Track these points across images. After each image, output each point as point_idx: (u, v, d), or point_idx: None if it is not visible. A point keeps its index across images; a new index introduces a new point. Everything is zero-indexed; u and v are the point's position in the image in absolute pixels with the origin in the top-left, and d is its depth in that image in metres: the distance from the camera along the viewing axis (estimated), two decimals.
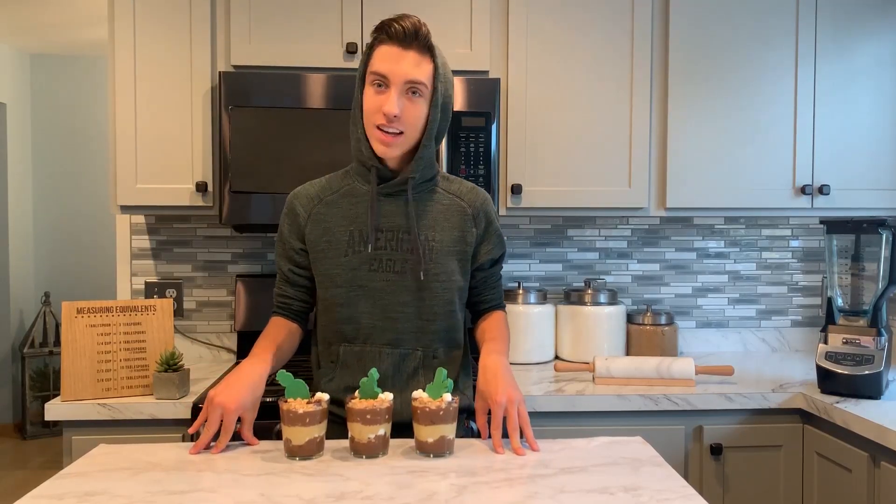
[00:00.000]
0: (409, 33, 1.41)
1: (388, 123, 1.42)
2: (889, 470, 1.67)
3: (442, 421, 1.30)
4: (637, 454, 1.34)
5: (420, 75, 1.43)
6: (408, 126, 1.44)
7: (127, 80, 2.14)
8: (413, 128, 1.45)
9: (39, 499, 1.12)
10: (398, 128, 1.43)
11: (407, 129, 1.45)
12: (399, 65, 1.42)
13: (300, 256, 1.55)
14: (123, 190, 2.15)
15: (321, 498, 1.12)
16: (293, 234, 1.55)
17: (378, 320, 1.50)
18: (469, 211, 1.55)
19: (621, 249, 2.64)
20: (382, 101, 1.43)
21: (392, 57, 1.42)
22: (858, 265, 1.99)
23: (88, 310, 1.89)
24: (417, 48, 1.43)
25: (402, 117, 1.43)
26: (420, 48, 1.43)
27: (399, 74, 1.42)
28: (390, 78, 1.42)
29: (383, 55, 1.43)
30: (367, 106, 1.45)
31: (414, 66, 1.42)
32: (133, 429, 1.88)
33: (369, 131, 1.46)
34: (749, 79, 2.30)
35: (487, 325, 1.60)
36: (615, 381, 2.08)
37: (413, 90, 1.43)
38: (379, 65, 1.43)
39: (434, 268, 1.50)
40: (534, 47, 2.24)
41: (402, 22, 1.42)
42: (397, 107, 1.42)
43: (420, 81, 1.43)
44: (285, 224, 1.57)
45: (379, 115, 1.43)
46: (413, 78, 1.42)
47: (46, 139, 5.33)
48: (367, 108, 1.45)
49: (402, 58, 1.42)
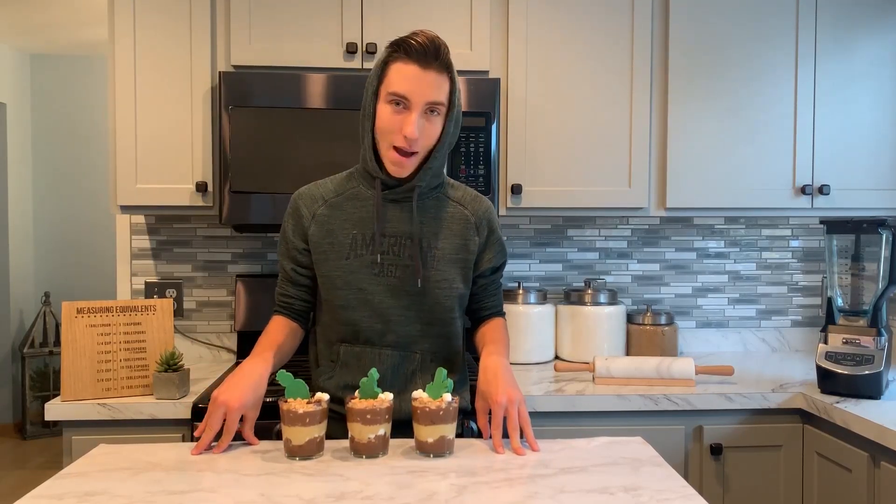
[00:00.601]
0: (429, 52, 1.38)
1: (409, 146, 1.41)
2: (889, 470, 1.67)
3: (442, 421, 1.30)
4: (637, 454, 1.34)
5: (441, 96, 1.41)
6: (424, 146, 1.44)
7: (127, 80, 2.14)
8: (427, 146, 1.45)
9: (39, 499, 1.12)
10: (415, 149, 1.42)
11: (423, 149, 1.44)
12: (420, 86, 1.38)
13: (303, 256, 1.55)
14: (123, 190, 2.15)
15: (321, 498, 1.12)
16: (296, 234, 1.55)
17: (377, 324, 1.51)
18: (472, 219, 1.55)
19: (621, 249, 2.64)
20: (401, 122, 1.40)
21: (411, 77, 1.39)
22: (858, 265, 1.99)
23: (88, 310, 1.89)
24: (437, 67, 1.40)
25: (420, 138, 1.41)
26: (440, 67, 1.40)
27: (420, 95, 1.39)
28: (411, 99, 1.39)
29: (402, 74, 1.39)
30: (383, 124, 1.42)
31: (436, 88, 1.40)
32: (133, 429, 1.88)
33: (382, 148, 1.45)
34: (749, 79, 2.30)
35: (487, 330, 1.60)
36: (615, 381, 2.08)
37: (432, 110, 1.41)
38: (398, 85, 1.39)
39: (436, 275, 1.50)
40: (534, 47, 2.24)
41: (420, 38, 1.38)
42: (418, 130, 1.39)
43: (441, 102, 1.41)
44: (289, 224, 1.56)
45: (398, 137, 1.41)
46: (434, 99, 1.40)
47: (46, 139, 5.33)
48: (383, 126, 1.42)
49: (423, 78, 1.39)
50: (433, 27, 2.19)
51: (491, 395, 1.38)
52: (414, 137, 1.39)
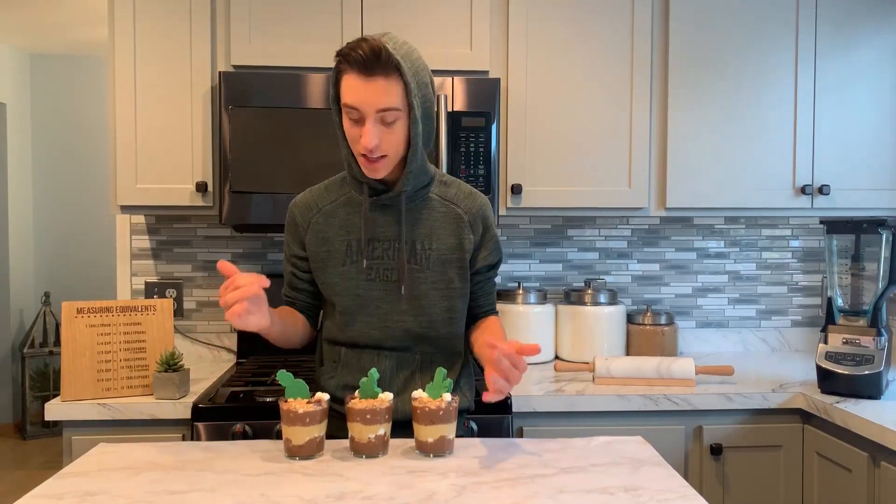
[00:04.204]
0: (369, 60, 1.34)
1: (371, 155, 1.40)
2: (889, 470, 1.67)
3: (442, 421, 1.30)
4: (637, 454, 1.34)
5: (390, 102, 1.37)
6: (390, 150, 1.42)
7: (127, 80, 2.14)
8: (395, 150, 1.43)
9: (39, 499, 1.12)
10: (380, 153, 1.41)
11: (390, 152, 1.42)
12: (366, 95, 1.36)
13: (302, 262, 1.57)
14: (123, 190, 2.15)
15: (321, 498, 1.12)
16: (295, 242, 1.56)
17: (376, 329, 1.51)
18: (465, 217, 1.54)
19: (621, 249, 2.64)
20: (359, 132, 1.39)
21: (358, 88, 1.36)
22: (858, 265, 1.99)
23: (88, 310, 1.89)
24: (382, 72, 1.35)
25: (381, 144, 1.39)
26: (384, 71, 1.36)
27: (369, 105, 1.36)
28: (361, 109, 1.37)
29: (349, 86, 1.37)
30: (348, 135, 1.42)
31: (382, 95, 1.36)
32: (133, 429, 1.88)
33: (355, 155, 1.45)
34: (749, 79, 2.30)
35: (484, 325, 1.59)
36: (615, 381, 2.08)
37: (386, 117, 1.38)
38: (347, 97, 1.38)
39: (432, 276, 1.50)
40: (534, 47, 2.24)
41: (360, 48, 1.34)
42: (375, 138, 1.38)
43: (391, 107, 1.37)
44: (288, 233, 1.58)
45: (359, 147, 1.40)
46: (383, 106, 1.37)
47: (46, 139, 5.33)
48: (348, 136, 1.42)
49: (368, 87, 1.36)
50: (433, 27, 2.19)
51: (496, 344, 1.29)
52: (369, 147, 1.37)
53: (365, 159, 1.42)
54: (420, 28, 2.19)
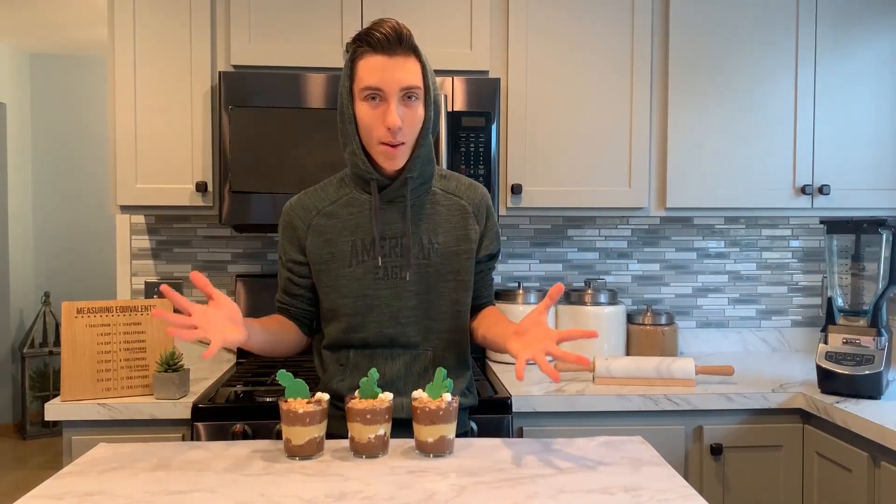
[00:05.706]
0: (392, 39, 1.37)
1: (394, 137, 1.39)
2: (889, 470, 1.67)
3: (442, 421, 1.30)
4: (637, 454, 1.34)
5: (414, 80, 1.39)
6: (409, 133, 1.42)
7: (127, 79, 2.14)
8: (413, 133, 1.44)
9: (39, 499, 1.12)
10: (402, 139, 1.41)
11: (408, 137, 1.42)
12: (391, 74, 1.37)
13: (300, 268, 1.53)
14: (123, 190, 2.15)
15: (321, 498, 1.12)
16: (293, 247, 1.53)
17: (387, 327, 1.50)
18: (469, 208, 1.54)
19: (621, 249, 2.64)
20: (381, 114, 1.39)
21: (380, 67, 1.38)
22: (858, 265, 1.99)
23: (88, 310, 1.89)
24: (403, 52, 1.38)
25: (404, 125, 1.40)
26: (405, 51, 1.39)
27: (393, 83, 1.38)
28: (385, 89, 1.38)
29: (370, 67, 1.38)
30: (365, 122, 1.41)
31: (407, 73, 1.39)
32: (133, 429, 1.88)
33: (370, 146, 1.43)
34: (749, 79, 2.30)
35: (487, 314, 1.59)
36: (615, 381, 2.08)
37: (409, 95, 1.40)
38: (369, 78, 1.38)
39: (441, 269, 1.50)
40: (534, 47, 2.24)
41: (382, 28, 1.37)
42: (400, 118, 1.38)
43: (415, 86, 1.40)
44: (284, 237, 1.55)
45: (381, 130, 1.39)
46: (408, 84, 1.39)
47: (46, 139, 5.33)
48: (365, 123, 1.41)
49: (391, 66, 1.38)
50: (433, 27, 2.19)
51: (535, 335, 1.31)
52: (397, 125, 1.38)
53: (386, 147, 1.41)
54: (420, 28, 2.18)
